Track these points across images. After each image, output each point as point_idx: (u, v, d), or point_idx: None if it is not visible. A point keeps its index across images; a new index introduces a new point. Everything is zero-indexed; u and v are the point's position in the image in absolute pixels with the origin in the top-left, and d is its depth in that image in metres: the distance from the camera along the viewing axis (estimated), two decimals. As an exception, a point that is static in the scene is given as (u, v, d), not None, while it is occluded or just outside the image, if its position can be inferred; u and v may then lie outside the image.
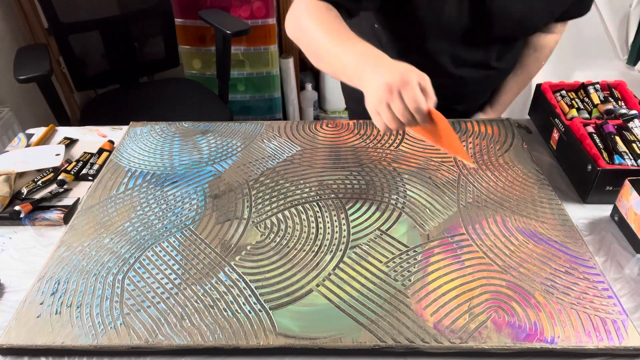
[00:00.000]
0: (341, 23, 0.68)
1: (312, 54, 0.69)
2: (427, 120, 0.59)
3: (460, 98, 0.92)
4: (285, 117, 2.21)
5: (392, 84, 0.56)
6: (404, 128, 0.60)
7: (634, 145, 0.71)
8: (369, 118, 0.62)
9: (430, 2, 0.76)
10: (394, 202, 0.69)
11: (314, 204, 0.69)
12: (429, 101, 0.58)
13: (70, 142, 0.86)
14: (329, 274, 0.58)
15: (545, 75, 1.11)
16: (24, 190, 0.73)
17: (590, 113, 0.80)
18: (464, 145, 0.80)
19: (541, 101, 0.85)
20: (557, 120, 0.79)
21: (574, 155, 0.73)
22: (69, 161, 0.80)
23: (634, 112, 0.77)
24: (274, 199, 0.69)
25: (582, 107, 0.81)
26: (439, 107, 0.59)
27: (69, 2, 1.42)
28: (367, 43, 0.64)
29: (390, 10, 0.82)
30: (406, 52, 0.86)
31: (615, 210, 0.67)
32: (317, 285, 0.56)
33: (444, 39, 0.82)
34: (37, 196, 0.73)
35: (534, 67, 0.94)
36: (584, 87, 0.85)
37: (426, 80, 0.58)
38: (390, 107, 0.57)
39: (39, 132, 0.89)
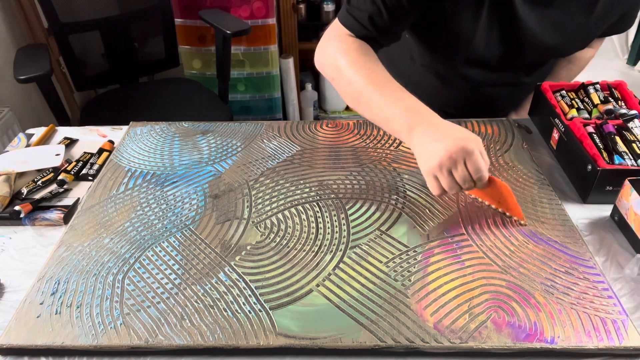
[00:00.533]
0: (380, 67, 0.69)
1: (350, 98, 0.69)
2: (486, 185, 0.61)
3: (488, 110, 0.92)
4: (285, 117, 2.21)
5: (455, 153, 0.57)
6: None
7: (634, 145, 0.71)
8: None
9: (460, 34, 0.75)
10: (394, 202, 0.69)
11: (314, 204, 0.69)
12: (487, 169, 0.59)
13: (70, 142, 0.86)
14: (329, 274, 0.58)
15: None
16: (24, 190, 0.73)
17: (590, 113, 0.80)
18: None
19: (541, 101, 0.85)
20: (557, 120, 0.79)
21: (574, 155, 0.73)
22: (69, 161, 0.80)
23: (634, 112, 0.77)
24: (274, 199, 0.69)
25: (582, 107, 0.81)
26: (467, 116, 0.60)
27: (69, 2, 1.42)
28: (413, 96, 0.64)
29: (422, 30, 0.81)
30: (435, 67, 0.87)
31: (615, 210, 0.67)
32: (317, 285, 0.56)
33: (475, 65, 0.82)
34: (37, 196, 0.73)
35: (567, 79, 0.95)
36: (584, 87, 0.85)
37: (482, 145, 0.59)
38: (451, 173, 0.59)
39: (39, 132, 0.89)
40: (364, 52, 0.70)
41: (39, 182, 0.75)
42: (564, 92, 0.85)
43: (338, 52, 0.70)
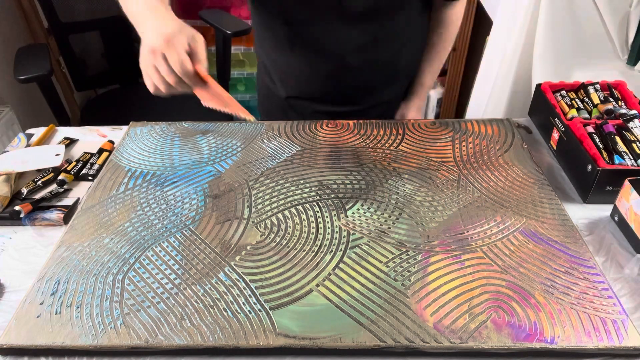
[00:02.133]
0: None
1: None
2: (198, 82, 0.61)
3: (364, 92, 0.91)
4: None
5: (156, 47, 0.58)
6: (175, 91, 0.62)
7: (634, 145, 0.71)
8: (278, 118, 0.63)
9: None
10: (394, 202, 0.69)
11: (314, 204, 0.69)
12: (198, 64, 0.60)
13: (70, 142, 0.86)
14: (329, 274, 0.58)
15: (545, 75, 1.11)
16: (24, 190, 0.73)
17: (590, 113, 0.80)
18: (463, 144, 0.80)
19: (541, 101, 0.85)
20: (557, 120, 0.79)
21: (574, 155, 0.73)
22: (69, 161, 0.80)
23: (634, 112, 0.77)
24: (274, 199, 0.69)
25: (582, 107, 0.81)
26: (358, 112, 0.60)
27: (69, 2, 1.42)
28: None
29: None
30: (297, 49, 0.86)
31: (615, 210, 0.67)
32: (317, 285, 0.56)
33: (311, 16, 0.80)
34: (37, 196, 0.73)
35: (441, 45, 0.95)
36: (584, 87, 0.85)
37: (197, 43, 0.59)
38: (157, 69, 0.59)
39: (39, 132, 0.89)
40: None
41: (39, 182, 0.75)
42: (564, 92, 0.85)
43: None
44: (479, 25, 1.77)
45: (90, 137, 0.89)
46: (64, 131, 0.90)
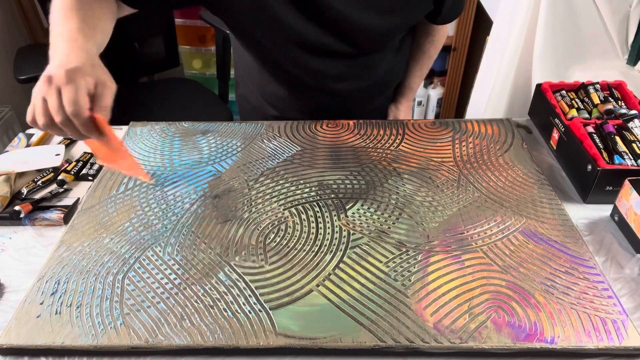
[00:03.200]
0: (92, 3, 0.61)
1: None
2: (93, 131, 0.52)
3: (346, 110, 0.90)
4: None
5: (53, 77, 0.50)
6: (59, 132, 0.53)
7: (634, 145, 0.71)
8: (254, 118, 0.59)
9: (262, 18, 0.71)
10: (394, 202, 0.69)
11: (314, 204, 0.69)
12: (99, 111, 0.52)
13: (70, 142, 0.86)
14: (329, 274, 0.58)
15: (545, 75, 1.11)
16: (24, 190, 0.73)
17: (590, 113, 0.80)
18: (463, 144, 0.80)
19: (541, 101, 0.85)
20: (557, 120, 0.79)
21: (574, 155, 0.73)
22: (69, 161, 0.80)
23: (634, 112, 0.77)
24: (274, 199, 0.69)
25: (582, 107, 0.81)
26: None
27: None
28: (84, 28, 0.57)
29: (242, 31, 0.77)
30: (277, 72, 0.84)
31: (615, 210, 0.67)
32: (317, 285, 0.56)
33: (311, 53, 0.78)
34: (37, 196, 0.73)
35: (433, 51, 0.95)
36: (584, 87, 0.85)
37: (106, 88, 0.52)
38: (45, 102, 0.51)
39: (39, 132, 0.89)
40: None
41: (39, 182, 0.75)
42: (564, 92, 0.85)
43: None
44: (479, 25, 1.77)
45: (90, 137, 0.89)
46: (64, 131, 0.90)
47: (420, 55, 0.95)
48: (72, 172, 0.77)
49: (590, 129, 0.75)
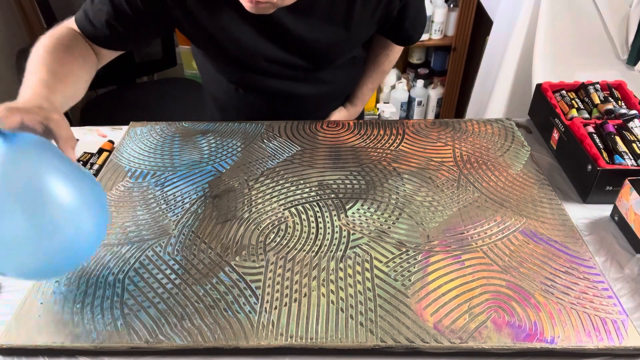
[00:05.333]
0: (66, 56, 0.66)
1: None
2: None
3: (304, 112, 0.93)
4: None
5: None
6: None
7: (634, 145, 0.71)
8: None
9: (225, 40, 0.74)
10: (394, 202, 0.69)
11: (314, 204, 0.69)
12: (65, 143, 0.53)
13: (70, 142, 0.86)
14: (329, 274, 0.58)
15: (545, 75, 1.11)
16: (24, 190, 0.73)
17: (590, 113, 0.80)
18: (463, 144, 0.80)
19: (541, 101, 0.85)
20: (557, 120, 0.79)
21: (574, 155, 0.73)
22: (69, 161, 0.80)
23: (634, 112, 0.77)
24: (274, 199, 0.69)
25: (582, 107, 0.81)
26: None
27: (68, 3, 1.42)
28: (50, 80, 0.60)
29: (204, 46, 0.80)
30: (241, 82, 0.87)
31: (615, 210, 0.67)
32: (317, 285, 0.56)
33: (270, 74, 0.82)
34: (37, 196, 0.73)
35: (388, 66, 0.98)
36: (584, 87, 0.85)
37: (53, 121, 0.52)
38: None
39: (39, 132, 0.89)
40: (68, 40, 0.69)
41: (39, 182, 0.74)
42: (564, 92, 0.85)
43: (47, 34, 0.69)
44: (479, 25, 1.77)
45: (90, 137, 0.89)
46: (64, 131, 0.90)
47: (374, 69, 0.97)
48: (72, 172, 0.77)
49: (590, 129, 0.75)
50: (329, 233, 0.64)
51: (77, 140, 0.56)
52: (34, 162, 0.47)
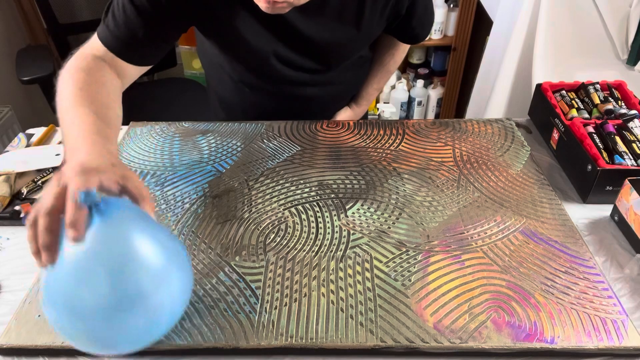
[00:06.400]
0: (103, 92, 0.62)
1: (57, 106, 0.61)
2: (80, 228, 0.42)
3: (308, 112, 0.93)
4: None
5: (65, 173, 0.45)
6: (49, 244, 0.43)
7: (634, 145, 0.71)
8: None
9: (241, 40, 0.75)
10: (394, 202, 0.69)
11: (314, 204, 0.69)
12: (141, 197, 0.48)
13: (70, 142, 0.86)
14: (329, 274, 0.58)
15: (545, 75, 1.11)
16: (24, 190, 0.73)
17: (590, 113, 0.80)
18: (463, 144, 0.80)
19: (541, 101, 0.85)
20: (557, 120, 0.79)
21: (574, 155, 0.73)
22: (69, 161, 0.80)
23: (634, 112, 0.77)
24: (274, 199, 0.69)
25: (582, 107, 0.81)
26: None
27: (68, 3, 1.42)
28: (101, 126, 0.56)
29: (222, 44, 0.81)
30: (250, 81, 0.88)
31: (615, 210, 0.67)
32: (317, 285, 0.56)
33: (281, 71, 0.82)
34: (37, 196, 0.73)
35: (393, 66, 0.98)
36: (584, 87, 0.85)
37: (126, 178, 0.48)
38: (57, 198, 0.44)
39: (39, 132, 0.89)
40: (96, 74, 0.64)
41: (39, 182, 0.75)
42: (564, 92, 0.85)
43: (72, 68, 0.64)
44: (479, 25, 1.77)
45: (90, 137, 0.89)
46: (64, 131, 0.90)
47: (379, 68, 0.97)
48: (72, 172, 0.77)
49: (590, 129, 0.75)
50: (329, 233, 0.64)
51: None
52: (129, 231, 0.44)
